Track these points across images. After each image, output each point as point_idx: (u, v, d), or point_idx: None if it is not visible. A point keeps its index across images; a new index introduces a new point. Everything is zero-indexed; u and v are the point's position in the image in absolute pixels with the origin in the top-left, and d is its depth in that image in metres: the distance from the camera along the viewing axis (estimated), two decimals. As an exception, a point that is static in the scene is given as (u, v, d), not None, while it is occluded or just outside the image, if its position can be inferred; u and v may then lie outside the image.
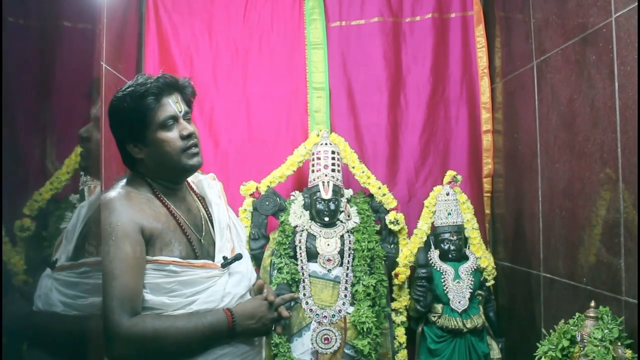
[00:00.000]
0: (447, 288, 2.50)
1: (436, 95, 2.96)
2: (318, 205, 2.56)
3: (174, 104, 1.43)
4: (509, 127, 2.72)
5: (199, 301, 1.37)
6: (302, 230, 2.57)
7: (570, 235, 2.08)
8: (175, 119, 1.43)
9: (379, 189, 2.68)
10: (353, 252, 2.53)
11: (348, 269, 2.51)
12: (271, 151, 2.89)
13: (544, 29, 2.28)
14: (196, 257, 1.42)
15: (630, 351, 1.58)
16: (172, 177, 1.48)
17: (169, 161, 1.43)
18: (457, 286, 2.50)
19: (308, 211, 2.61)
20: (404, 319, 2.68)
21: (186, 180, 1.56)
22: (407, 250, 2.62)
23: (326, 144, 2.65)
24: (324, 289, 2.50)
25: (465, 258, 2.59)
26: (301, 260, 2.52)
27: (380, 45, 2.95)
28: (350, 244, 2.54)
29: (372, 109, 2.95)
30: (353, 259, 2.52)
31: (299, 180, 2.85)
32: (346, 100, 2.96)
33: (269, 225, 2.70)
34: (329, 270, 2.51)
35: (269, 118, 2.94)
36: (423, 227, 2.66)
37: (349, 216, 2.62)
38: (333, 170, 2.59)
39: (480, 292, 2.58)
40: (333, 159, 2.61)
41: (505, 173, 2.77)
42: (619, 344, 1.59)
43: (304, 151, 2.72)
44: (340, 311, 2.47)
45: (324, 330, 2.44)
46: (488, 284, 2.64)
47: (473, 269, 2.55)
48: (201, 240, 1.48)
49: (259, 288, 1.56)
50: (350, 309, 2.47)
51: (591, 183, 1.93)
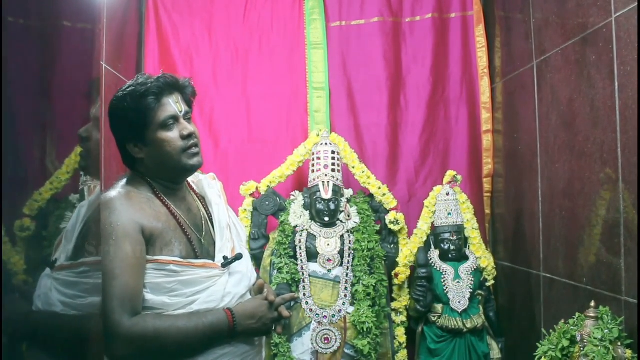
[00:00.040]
0: (447, 288, 2.50)
1: (436, 95, 2.96)
2: (318, 205, 2.56)
3: (174, 104, 1.43)
4: (509, 127, 2.72)
5: (200, 301, 1.37)
6: (302, 230, 2.57)
7: (570, 235, 2.08)
8: (175, 118, 1.43)
9: (379, 188, 2.68)
10: (353, 252, 2.53)
11: (348, 269, 2.51)
12: (271, 151, 2.88)
13: (544, 29, 2.28)
14: (196, 257, 1.42)
15: (630, 351, 1.57)
16: (173, 177, 1.48)
17: (169, 161, 1.43)
18: (457, 286, 2.50)
19: (308, 211, 2.61)
20: (404, 319, 2.68)
21: (186, 180, 1.56)
22: (407, 250, 2.62)
23: (326, 144, 2.65)
24: (324, 289, 2.50)
25: (465, 258, 2.59)
26: (301, 260, 2.52)
27: (380, 45, 2.95)
28: (350, 244, 2.54)
29: (372, 109, 2.95)
30: (353, 259, 2.52)
31: (299, 180, 2.85)
32: (346, 100, 2.96)
33: (269, 225, 2.70)
34: (329, 270, 2.51)
35: (269, 118, 2.94)
36: (423, 227, 2.66)
37: (349, 216, 2.62)
38: (333, 170, 2.59)
39: (480, 292, 2.58)
40: (333, 159, 2.61)
41: (505, 173, 2.77)
42: (619, 344, 1.59)
43: (304, 151, 2.72)
44: (340, 311, 2.47)
45: (324, 330, 2.44)
46: (488, 284, 2.64)
47: (473, 269, 2.55)
48: (201, 240, 1.48)
49: (260, 288, 1.56)
50: (350, 309, 2.47)
51: (591, 183, 1.93)
